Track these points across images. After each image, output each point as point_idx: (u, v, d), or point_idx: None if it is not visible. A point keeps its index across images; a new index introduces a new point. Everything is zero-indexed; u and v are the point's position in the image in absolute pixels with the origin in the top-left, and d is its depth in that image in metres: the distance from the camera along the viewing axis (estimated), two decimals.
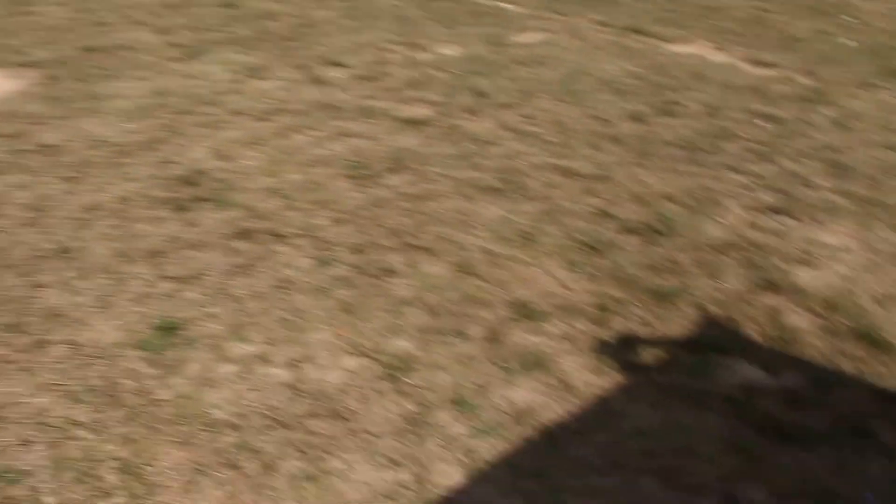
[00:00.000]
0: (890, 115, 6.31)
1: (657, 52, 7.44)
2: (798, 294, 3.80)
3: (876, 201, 4.80)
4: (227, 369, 3.16)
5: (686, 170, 4.97)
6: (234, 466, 2.75)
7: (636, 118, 5.69)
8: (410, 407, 3.04)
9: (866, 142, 5.72)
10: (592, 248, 4.04)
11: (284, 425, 2.92)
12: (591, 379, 3.19)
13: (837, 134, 5.81)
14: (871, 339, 3.54)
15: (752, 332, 3.54)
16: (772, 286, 3.84)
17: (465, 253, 3.95)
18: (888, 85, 7.04)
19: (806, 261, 4.10)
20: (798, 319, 3.64)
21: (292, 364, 3.21)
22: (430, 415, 3.00)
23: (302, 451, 2.82)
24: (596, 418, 3.00)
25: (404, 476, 2.76)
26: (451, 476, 2.76)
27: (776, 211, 4.57)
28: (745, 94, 6.45)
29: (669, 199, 4.58)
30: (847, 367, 3.38)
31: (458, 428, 2.95)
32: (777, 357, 3.39)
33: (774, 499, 2.74)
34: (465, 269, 3.83)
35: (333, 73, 6.42)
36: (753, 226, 4.39)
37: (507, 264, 3.88)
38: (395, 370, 3.20)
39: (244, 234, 4.03)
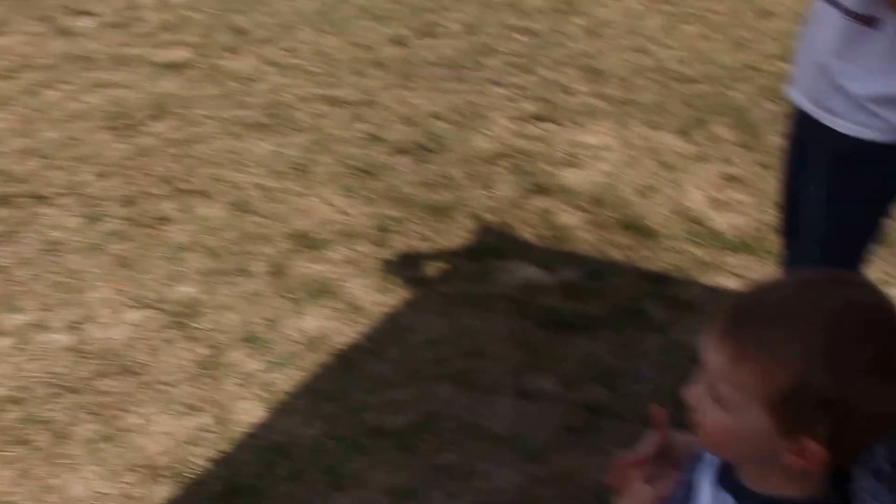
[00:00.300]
0: (636, 20, 6.64)
1: None
2: (566, 194, 3.99)
3: (630, 101, 5.08)
4: (1, 343, 3.00)
5: (451, 88, 5.06)
6: (22, 442, 2.63)
7: (398, 42, 5.72)
8: (202, 351, 2.99)
9: (617, 47, 6.01)
10: (366, 172, 4.07)
11: (72, 390, 2.81)
12: (378, 298, 3.25)
13: (590, 41, 6.06)
14: (635, 227, 3.78)
15: (527, 234, 3.70)
16: (541, 189, 4.01)
17: (240, 192, 3.89)
18: None
19: (571, 162, 4.30)
20: (568, 217, 3.83)
21: (72, 327, 3.08)
22: (222, 356, 2.97)
23: (95, 414, 2.73)
24: (387, 335, 3.07)
25: (205, 420, 2.73)
26: (252, 412, 2.76)
27: (539, 118, 4.75)
28: (502, 10, 6.60)
29: (437, 117, 4.66)
30: (617, 255, 3.60)
31: (253, 364, 2.94)
32: (552, 255, 3.56)
33: (563, 385, 2.91)
34: (241, 207, 3.77)
35: (81, 23, 6.06)
36: (519, 134, 4.55)
37: (283, 198, 3.86)
38: (182, 317, 3.13)
39: (2, 201, 3.80)
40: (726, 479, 1.12)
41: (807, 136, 2.34)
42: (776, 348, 0.98)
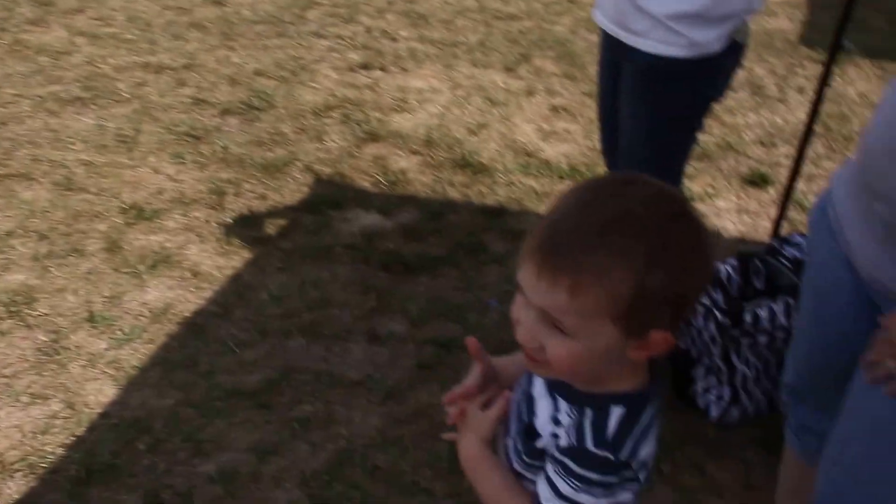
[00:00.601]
0: None
1: None
2: (399, 139, 4.03)
3: (454, 42, 5.15)
4: None
5: (274, 44, 5.00)
6: None
7: (214, 1, 5.59)
8: (42, 338, 2.91)
9: None
10: (195, 136, 4.00)
11: None
12: (219, 262, 3.22)
13: None
14: (469, 165, 3.86)
15: (363, 182, 3.73)
16: (374, 137, 4.04)
17: (64, 170, 3.76)
18: None
19: (401, 107, 4.34)
20: (403, 162, 3.88)
21: None
22: (65, 340, 2.89)
23: None
24: (233, 297, 3.05)
25: (54, 407, 2.66)
26: (103, 392, 2.70)
27: (366, 67, 4.76)
28: None
29: (262, 74, 4.61)
30: (454, 194, 3.68)
31: (99, 344, 2.88)
32: (390, 200, 3.61)
33: (412, 325, 2.97)
34: (66, 186, 3.65)
35: None
36: (347, 85, 4.55)
37: (110, 171, 3.75)
38: (17, 305, 3.03)
39: None
40: (557, 386, 1.18)
41: (616, 58, 2.43)
42: (610, 268, 1.01)
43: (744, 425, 2.66)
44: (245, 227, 3.40)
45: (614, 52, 2.42)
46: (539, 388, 1.23)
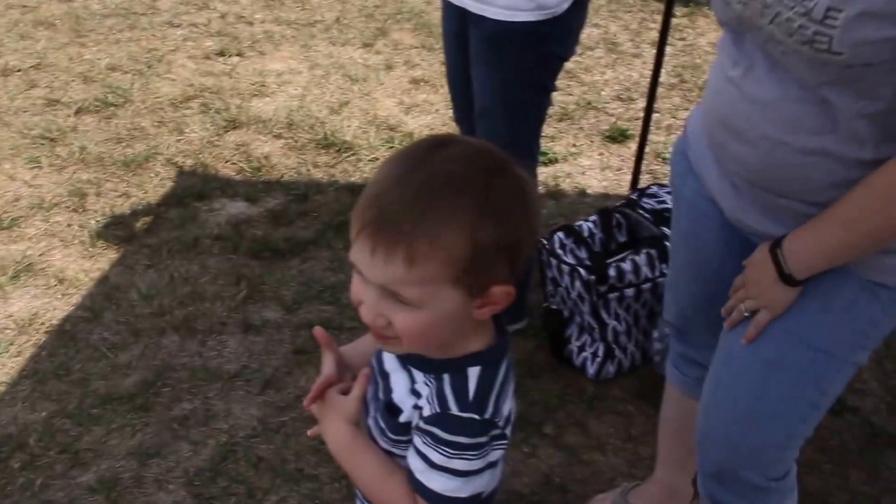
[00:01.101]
0: None
1: None
2: (260, 124, 3.99)
3: (311, 22, 5.10)
4: None
5: (127, 37, 4.86)
6: None
7: None
8: None
9: None
10: (50, 139, 3.86)
11: None
12: (85, 265, 3.14)
13: None
14: (333, 144, 3.85)
15: (227, 170, 3.68)
16: (235, 124, 3.99)
17: None
18: None
19: (260, 92, 4.29)
20: (266, 147, 3.84)
21: None
22: None
23: None
24: (102, 300, 2.99)
25: None
26: None
27: (222, 54, 4.68)
28: None
29: (116, 69, 4.48)
30: (319, 175, 3.66)
31: None
32: (256, 186, 3.57)
33: (286, 311, 2.96)
34: None
35: None
36: (204, 73, 4.47)
37: None
38: None
39: None
40: (410, 358, 1.19)
41: (462, 27, 2.45)
42: (441, 232, 1.01)
43: (621, 379, 2.75)
44: (109, 228, 3.32)
45: (460, 22, 2.45)
46: (391, 363, 1.24)
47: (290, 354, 2.78)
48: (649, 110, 3.09)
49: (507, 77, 2.40)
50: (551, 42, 2.36)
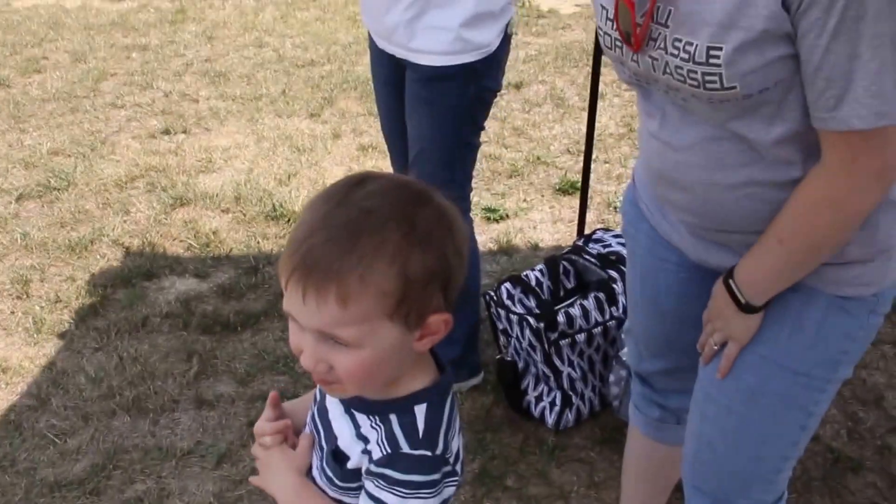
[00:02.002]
0: (251, 17, 6.67)
1: (5, 10, 7.01)
2: (208, 199, 3.96)
3: (257, 96, 5.12)
4: None
5: (69, 121, 4.85)
6: None
7: (1, 84, 5.38)
8: None
9: (235, 46, 6.03)
10: None
11: None
12: (30, 353, 3.07)
13: (207, 46, 6.03)
14: (281, 215, 3.83)
15: (176, 248, 3.64)
16: (182, 201, 3.96)
17: None
18: None
19: (207, 168, 4.28)
20: (214, 222, 3.81)
21: None
22: None
23: None
24: (49, 386, 2.91)
25: None
26: None
27: (168, 132, 4.67)
28: (109, 31, 6.39)
29: (59, 153, 4.45)
30: (268, 246, 3.64)
31: None
32: (204, 262, 3.54)
33: (239, 384, 2.91)
34: None
35: None
36: (150, 152, 4.45)
37: None
38: None
39: None
40: (353, 403, 1.18)
41: (396, 72, 2.48)
42: (370, 266, 1.01)
43: (581, 426, 2.72)
44: (55, 313, 3.26)
45: (394, 68, 2.48)
46: (333, 410, 1.22)
47: (245, 427, 2.72)
48: (587, 159, 3.11)
49: (445, 117, 2.44)
50: (486, 78, 2.42)
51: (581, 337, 2.61)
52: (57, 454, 2.67)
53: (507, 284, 2.69)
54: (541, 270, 2.74)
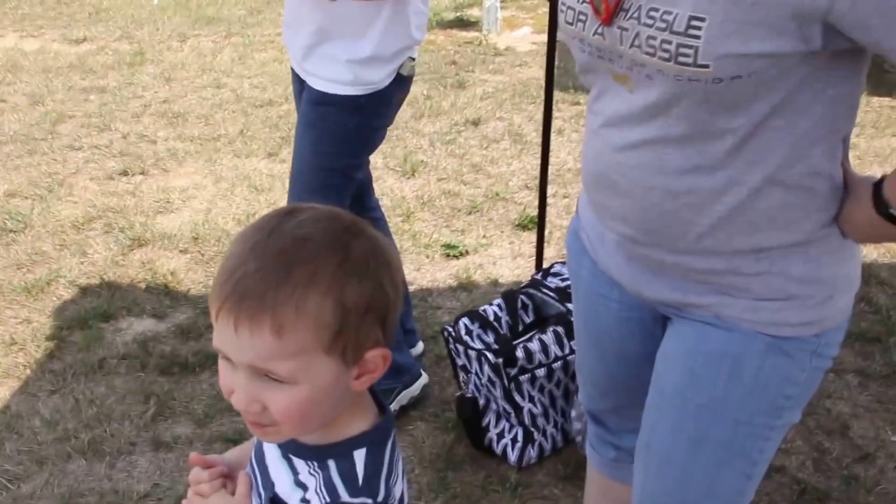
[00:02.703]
0: (208, 58, 6.69)
1: None
2: (165, 240, 3.94)
3: (214, 136, 5.12)
4: None
5: (26, 162, 4.81)
6: None
7: None
8: None
9: (193, 87, 6.03)
10: None
11: None
12: None
13: (165, 87, 6.03)
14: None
15: (133, 289, 3.61)
16: (140, 242, 3.94)
17: None
18: (200, 32, 7.44)
19: (165, 209, 4.26)
20: (172, 262, 3.79)
21: None
22: None
23: None
24: (2, 430, 2.86)
25: None
26: None
27: (125, 173, 4.65)
28: (67, 74, 6.37)
29: (14, 195, 4.41)
30: None
31: None
32: (162, 302, 3.51)
33: (197, 425, 2.87)
34: None
35: None
36: (107, 193, 4.43)
37: None
38: None
39: None
40: (290, 448, 1.14)
41: (298, 91, 2.60)
42: (305, 296, 0.98)
43: (544, 462, 2.71)
44: (10, 355, 3.21)
45: (300, 82, 2.57)
46: (270, 455, 1.19)
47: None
48: (542, 193, 3.14)
49: (322, 141, 2.50)
50: (371, 114, 2.49)
51: (541, 372, 2.61)
52: (10, 500, 2.61)
53: (465, 320, 2.70)
54: (499, 305, 2.75)
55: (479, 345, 2.64)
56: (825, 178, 1.35)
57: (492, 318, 2.70)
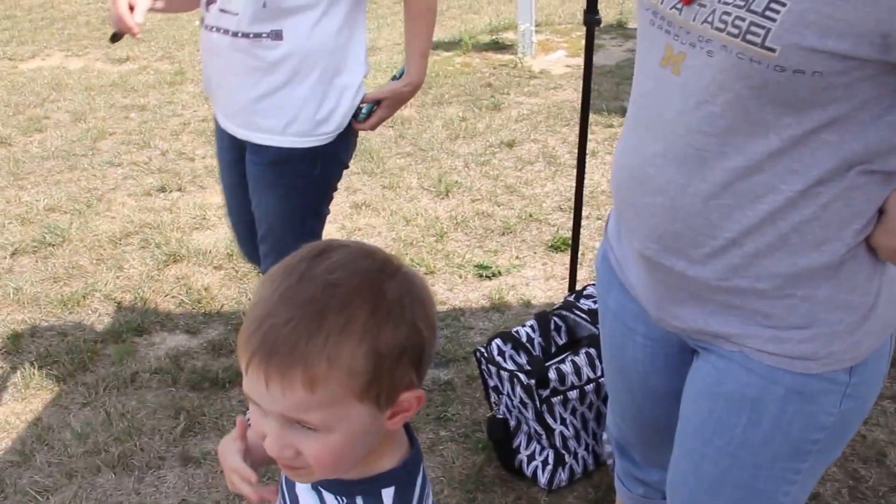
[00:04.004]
0: None
1: (12, 72, 7.11)
2: (200, 256, 3.96)
3: None
4: None
5: (66, 178, 4.87)
6: None
7: (2, 142, 5.42)
8: None
9: None
10: None
11: None
12: (17, 409, 3.04)
13: (205, 106, 6.07)
14: None
15: (167, 304, 3.63)
16: (175, 258, 3.96)
17: None
18: None
19: (200, 225, 4.28)
20: (206, 278, 3.80)
21: None
22: None
23: None
24: (34, 442, 2.88)
25: None
26: None
27: (163, 190, 4.69)
28: (109, 92, 6.46)
29: (54, 210, 4.47)
30: None
31: None
32: (196, 318, 3.52)
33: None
34: None
35: None
36: (145, 209, 4.46)
37: None
38: None
39: None
40: (320, 480, 1.11)
41: (241, 153, 2.48)
42: (338, 346, 0.95)
43: (575, 485, 2.68)
44: (44, 368, 3.23)
45: (238, 149, 2.48)
46: (301, 486, 1.16)
47: None
48: (578, 212, 3.11)
49: (291, 198, 2.44)
50: (333, 156, 2.43)
51: (573, 394, 2.58)
52: None
53: (498, 340, 2.67)
54: (531, 326, 2.72)
55: (511, 366, 2.61)
56: (864, 200, 1.30)
57: (524, 339, 2.68)
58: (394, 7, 8.48)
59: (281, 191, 2.42)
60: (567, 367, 2.56)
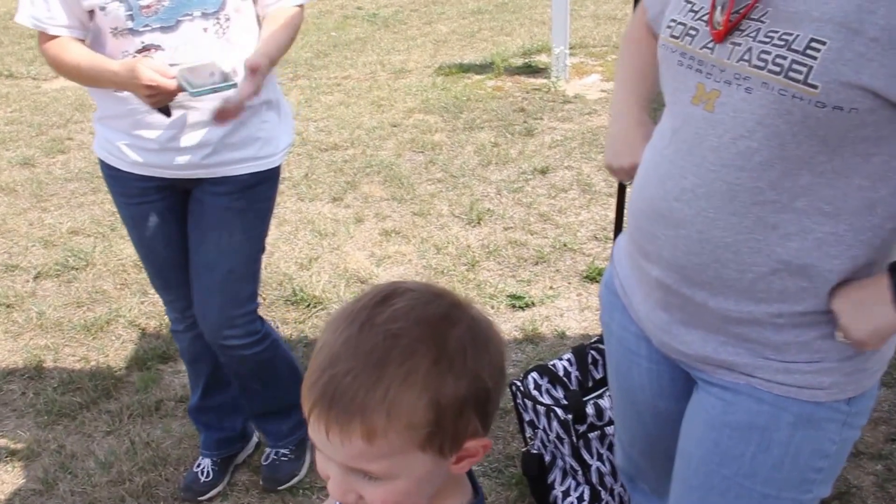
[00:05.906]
0: None
1: (35, 92, 7.11)
2: None
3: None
4: None
5: (90, 200, 4.83)
6: None
7: (25, 163, 5.40)
8: None
9: None
10: (6, 305, 3.76)
11: None
12: (39, 435, 2.98)
13: None
14: (301, 300, 3.75)
15: None
16: None
17: None
18: None
19: None
20: None
21: None
22: None
23: None
24: (56, 470, 2.82)
25: None
26: None
27: None
28: None
29: (78, 233, 4.42)
30: (287, 331, 3.55)
31: None
32: None
33: (254, 473, 2.80)
34: None
35: None
36: None
37: None
38: None
39: None
40: None
41: (181, 197, 2.38)
42: (398, 398, 0.94)
43: None
44: (67, 394, 3.17)
45: (178, 199, 2.37)
46: None
47: None
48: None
49: (255, 225, 2.41)
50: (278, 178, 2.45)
51: (611, 429, 2.49)
52: None
53: (534, 374, 2.59)
54: (569, 360, 2.64)
55: (548, 400, 2.53)
56: (887, 252, 1.34)
57: (561, 373, 2.59)
58: (423, 28, 8.45)
59: (247, 220, 2.37)
60: (605, 403, 2.48)
